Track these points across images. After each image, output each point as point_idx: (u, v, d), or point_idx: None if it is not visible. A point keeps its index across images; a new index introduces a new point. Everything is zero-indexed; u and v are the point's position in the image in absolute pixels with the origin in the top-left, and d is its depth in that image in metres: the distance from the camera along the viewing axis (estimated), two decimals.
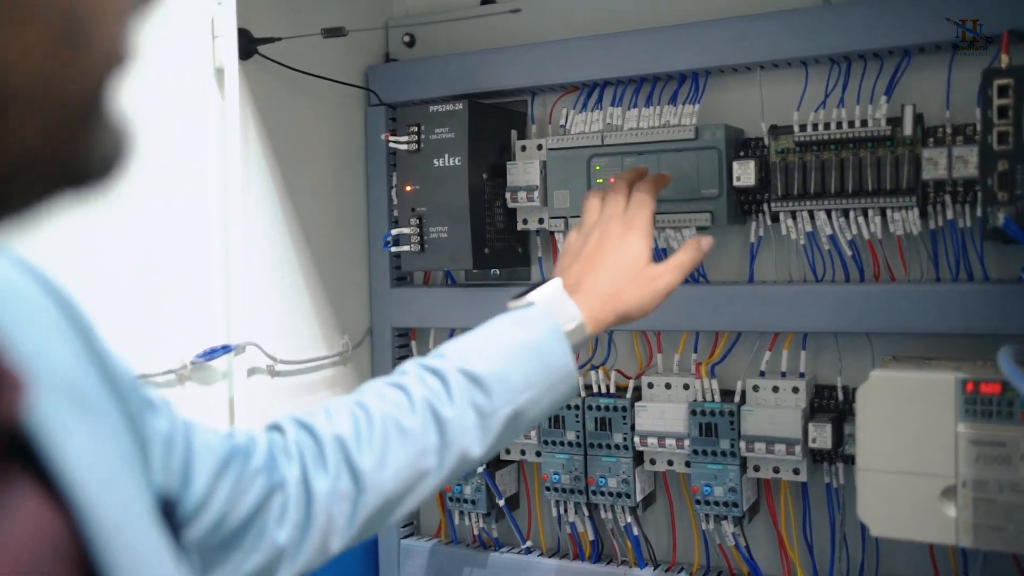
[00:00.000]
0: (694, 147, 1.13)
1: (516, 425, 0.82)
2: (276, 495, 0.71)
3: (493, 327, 0.84)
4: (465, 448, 0.78)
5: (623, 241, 0.92)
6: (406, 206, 1.22)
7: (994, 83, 0.95)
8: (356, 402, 0.78)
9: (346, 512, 0.73)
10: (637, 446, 1.18)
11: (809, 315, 1.11)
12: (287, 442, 0.74)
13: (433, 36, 1.36)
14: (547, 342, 0.83)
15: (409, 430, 0.76)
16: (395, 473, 0.75)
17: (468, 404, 0.78)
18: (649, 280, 0.91)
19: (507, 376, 0.80)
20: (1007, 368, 0.85)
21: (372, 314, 1.36)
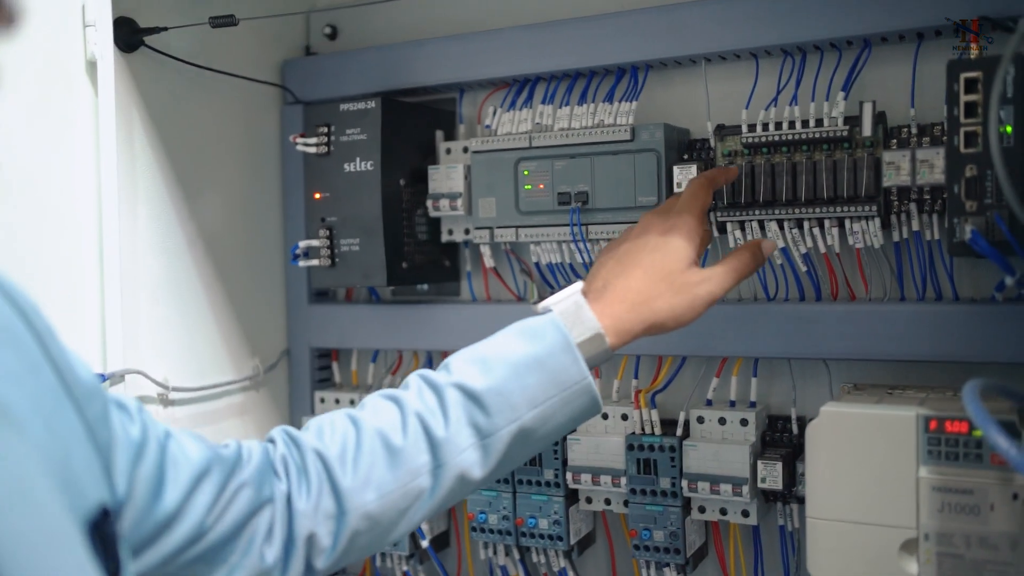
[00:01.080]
0: (630, 149, 1.01)
1: (526, 444, 0.77)
2: (264, 510, 0.70)
3: (500, 338, 0.79)
4: (464, 469, 0.74)
5: (663, 240, 0.83)
6: (315, 216, 1.10)
7: (961, 77, 0.83)
8: (350, 416, 0.76)
9: (330, 531, 0.72)
10: (570, 483, 1.06)
11: (760, 338, 0.99)
12: (275, 456, 0.73)
13: (357, 28, 1.24)
14: (556, 355, 0.76)
15: (398, 449, 0.73)
16: (381, 494, 0.73)
17: (465, 422, 0.74)
18: (687, 286, 0.81)
19: (508, 392, 0.75)
20: (972, 407, 0.72)
21: (289, 333, 1.24)
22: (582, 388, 0.76)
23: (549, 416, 0.76)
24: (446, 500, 0.76)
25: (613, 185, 1.01)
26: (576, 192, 1.03)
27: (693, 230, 0.84)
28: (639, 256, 0.83)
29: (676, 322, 0.81)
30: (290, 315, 1.24)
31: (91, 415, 0.55)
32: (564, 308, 0.79)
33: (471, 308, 1.14)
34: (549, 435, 0.77)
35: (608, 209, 1.02)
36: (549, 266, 1.09)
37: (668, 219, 0.85)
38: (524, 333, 0.78)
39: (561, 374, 0.76)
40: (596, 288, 0.81)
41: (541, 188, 1.05)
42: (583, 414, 0.78)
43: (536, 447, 0.78)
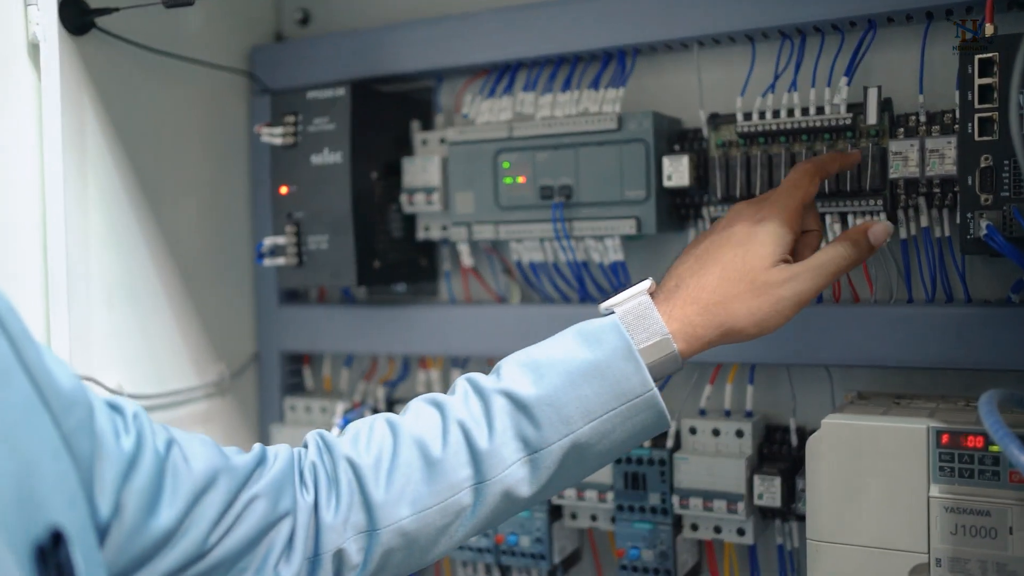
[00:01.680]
0: (617, 140, 0.93)
1: (582, 461, 0.69)
2: (282, 524, 0.65)
3: (556, 341, 0.71)
4: (510, 486, 0.68)
5: (747, 234, 0.74)
6: (281, 211, 1.03)
7: (975, 58, 0.76)
8: (389, 422, 0.70)
9: (361, 547, 0.67)
10: (554, 498, 0.99)
11: (757, 343, 0.90)
12: (304, 464, 0.68)
13: (330, 12, 1.17)
14: (616, 363, 0.68)
15: (436, 461, 0.67)
16: (417, 510, 0.67)
17: (512, 435, 0.68)
18: (769, 286, 0.72)
19: (561, 403, 0.68)
20: (989, 420, 0.65)
21: (257, 337, 1.17)
22: (646, 401, 0.68)
23: (608, 431, 0.68)
24: (491, 519, 0.69)
25: (599, 178, 0.94)
26: (559, 186, 0.96)
27: (785, 224, 0.74)
28: (719, 252, 0.73)
29: (758, 328, 0.72)
30: (259, 317, 1.17)
31: (69, 426, 0.52)
32: (627, 309, 0.71)
33: (449, 310, 1.06)
34: (609, 452, 0.70)
35: (593, 204, 0.95)
36: (532, 266, 1.02)
37: (759, 210, 0.75)
38: (581, 336, 0.70)
39: (622, 384, 0.68)
40: (668, 288, 0.73)
41: (522, 181, 0.98)
42: (647, 430, 0.70)
43: (594, 465, 0.71)
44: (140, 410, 0.62)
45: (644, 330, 0.69)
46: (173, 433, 0.64)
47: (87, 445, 0.55)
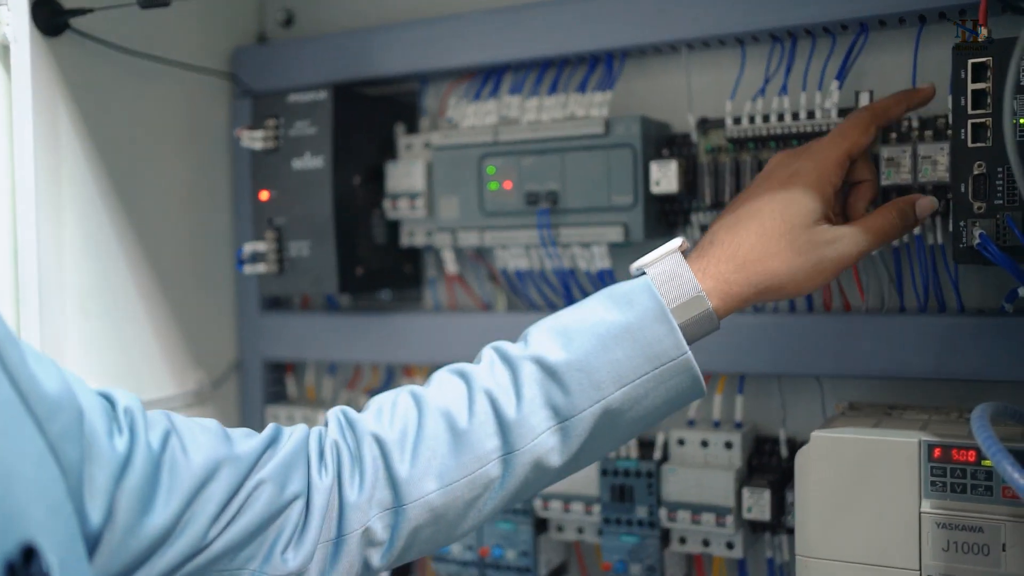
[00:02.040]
0: (604, 144, 0.91)
1: (615, 428, 0.67)
2: (292, 508, 0.63)
3: (589, 303, 0.69)
4: (540, 456, 0.65)
5: (784, 187, 0.71)
6: (262, 217, 1.01)
7: (968, 62, 0.74)
8: (413, 394, 0.68)
9: (387, 525, 0.65)
10: (539, 511, 0.97)
11: (747, 353, 0.89)
12: (325, 443, 0.66)
13: (314, 13, 1.15)
14: (648, 325, 0.65)
15: (463, 432, 0.65)
16: (444, 483, 0.65)
17: (541, 402, 0.65)
18: (812, 245, 0.69)
19: (592, 368, 0.65)
20: (982, 435, 0.64)
21: (239, 344, 1.15)
22: (680, 365, 0.66)
23: (641, 396, 0.66)
24: (521, 491, 0.67)
25: (585, 184, 0.92)
26: (545, 191, 0.94)
27: (822, 177, 0.71)
28: (757, 206, 0.70)
29: (797, 287, 0.69)
30: (240, 325, 1.15)
31: (55, 432, 0.51)
32: (659, 269, 0.68)
33: (434, 318, 1.04)
34: (642, 418, 0.67)
35: (580, 210, 0.93)
36: (517, 273, 1.00)
37: (795, 160, 0.72)
38: (612, 299, 0.67)
39: (654, 346, 0.65)
40: (703, 245, 0.71)
41: (507, 187, 0.95)
42: (682, 396, 0.68)
43: (627, 432, 0.68)
44: (134, 402, 0.60)
45: (676, 288, 0.67)
46: (174, 421, 0.62)
47: (75, 451, 0.53)
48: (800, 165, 0.71)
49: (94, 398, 0.58)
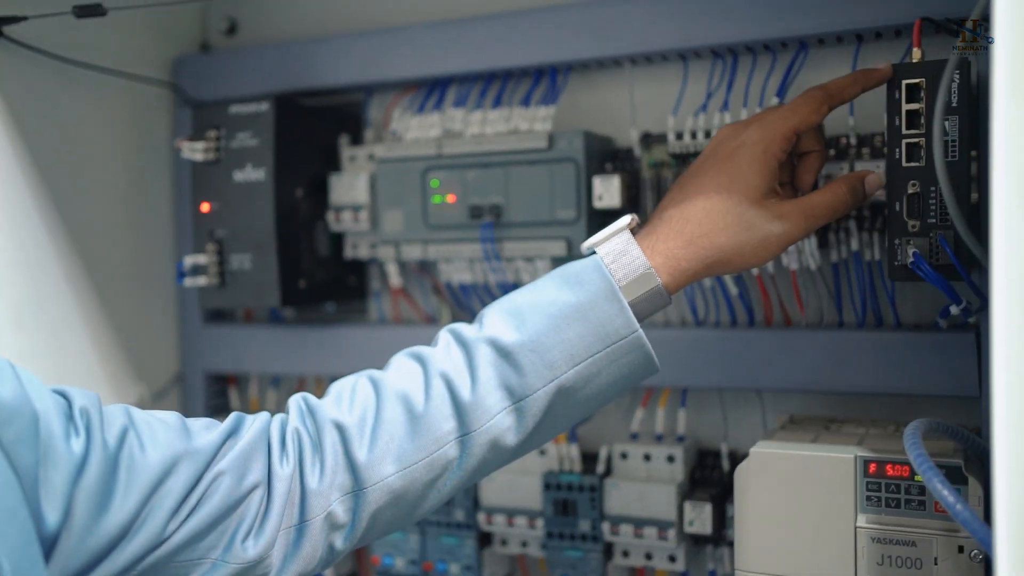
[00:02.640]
0: (547, 159, 0.91)
1: (568, 406, 0.67)
2: (251, 498, 0.64)
3: (541, 284, 0.69)
4: (496, 436, 0.66)
5: (729, 160, 0.71)
6: (203, 229, 0.99)
7: (902, 83, 0.75)
8: (372, 378, 0.69)
9: (348, 508, 0.65)
10: (483, 525, 0.97)
11: (689, 367, 0.90)
12: (287, 431, 0.67)
13: (258, 22, 1.14)
14: (598, 304, 0.66)
15: (420, 416, 0.66)
16: (402, 466, 0.65)
17: (495, 383, 0.66)
18: (760, 220, 0.69)
19: (545, 348, 0.65)
20: (914, 454, 0.65)
21: (181, 357, 1.13)
22: (631, 342, 0.66)
23: (594, 375, 0.66)
24: (479, 470, 0.68)
25: (529, 198, 0.92)
26: (489, 205, 0.94)
27: (767, 151, 0.70)
28: (703, 181, 0.70)
29: (744, 261, 0.70)
30: (182, 337, 1.13)
31: (9, 437, 0.52)
32: (610, 248, 0.68)
33: (379, 330, 1.04)
34: (596, 396, 0.68)
35: (524, 224, 0.93)
36: (462, 287, 0.99)
37: (741, 132, 0.72)
38: (563, 279, 0.68)
39: (605, 325, 0.66)
40: (652, 221, 0.71)
41: (451, 200, 0.95)
42: (636, 373, 0.68)
43: (582, 410, 0.69)
44: (91, 401, 0.60)
45: (626, 266, 0.67)
46: (133, 417, 0.62)
47: (30, 455, 0.54)
48: (746, 137, 0.71)
49: (50, 399, 0.58)
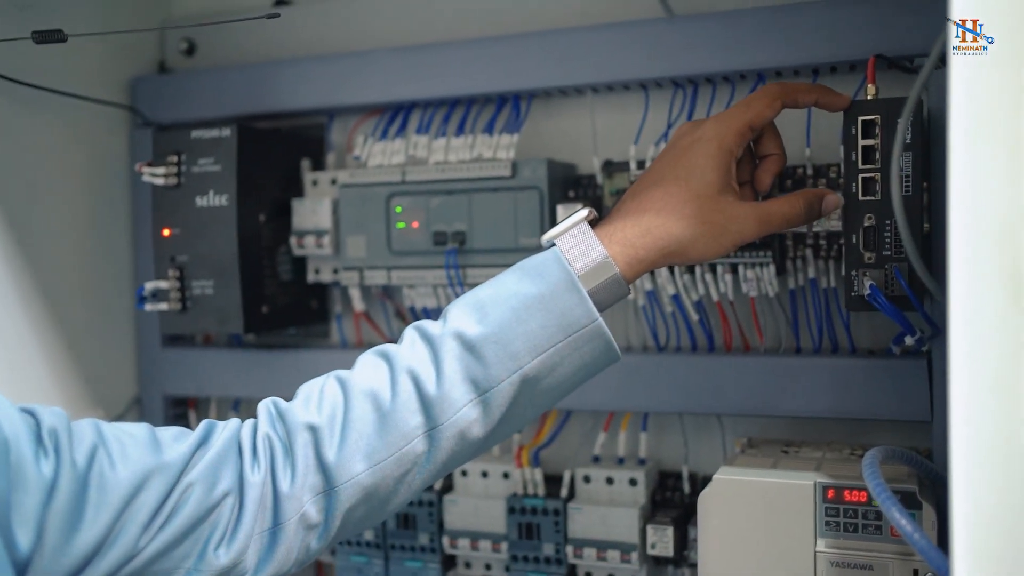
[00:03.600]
0: (511, 186, 0.93)
1: (533, 396, 0.68)
2: (222, 506, 0.64)
3: (503, 278, 0.70)
4: (463, 428, 0.66)
5: (687, 154, 0.72)
6: (164, 254, 0.98)
7: (858, 119, 0.77)
8: (339, 379, 0.70)
9: (320, 508, 0.66)
10: (447, 548, 0.97)
11: (650, 391, 0.91)
12: (258, 437, 0.67)
13: (217, 44, 1.13)
14: (559, 294, 0.67)
15: (388, 412, 0.66)
16: (372, 463, 0.66)
17: (461, 376, 0.66)
18: (716, 214, 0.70)
19: (507, 339, 0.66)
20: (872, 483, 0.67)
21: (139, 380, 1.12)
22: (592, 331, 0.67)
23: (557, 364, 0.67)
24: (448, 463, 0.68)
25: (493, 225, 0.93)
26: (453, 232, 0.94)
27: (722, 147, 0.71)
28: (660, 174, 0.72)
29: (699, 253, 0.71)
30: (140, 360, 1.12)
31: None
32: (568, 239, 0.70)
33: (340, 354, 1.04)
34: (559, 385, 0.68)
35: (487, 251, 0.94)
36: (425, 311, 1.00)
37: (696, 128, 0.73)
38: (524, 271, 0.69)
39: (566, 315, 0.67)
40: (611, 213, 0.73)
41: (415, 227, 0.96)
42: (597, 361, 0.69)
43: (546, 400, 0.69)
44: (59, 419, 0.60)
45: (584, 256, 0.68)
46: (103, 432, 0.62)
47: (1, 482, 0.54)
48: (702, 132, 0.73)
49: (19, 421, 0.58)
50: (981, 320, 0.47)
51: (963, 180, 0.46)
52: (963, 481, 0.49)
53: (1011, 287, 0.46)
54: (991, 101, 0.46)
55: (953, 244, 0.45)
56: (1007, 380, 0.48)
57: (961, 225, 0.46)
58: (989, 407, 0.48)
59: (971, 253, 0.46)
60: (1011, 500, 0.48)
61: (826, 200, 0.77)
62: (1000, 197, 0.46)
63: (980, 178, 0.45)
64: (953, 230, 0.45)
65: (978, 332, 0.47)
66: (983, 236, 0.46)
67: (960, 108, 0.46)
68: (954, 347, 0.47)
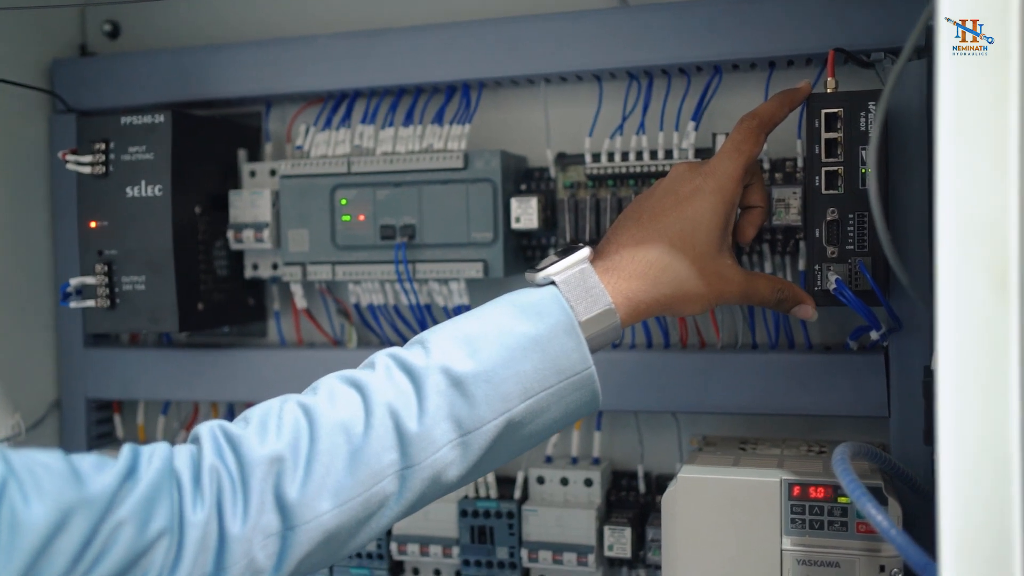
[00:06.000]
0: (463, 179, 0.89)
1: (512, 441, 0.64)
2: (156, 547, 0.55)
3: (493, 312, 0.66)
4: (438, 470, 0.62)
5: (690, 204, 0.70)
6: (90, 248, 0.92)
7: (821, 112, 0.77)
8: (302, 405, 0.62)
9: (273, 552, 0.58)
10: (395, 554, 0.94)
11: (605, 389, 0.87)
12: (201, 469, 0.58)
13: (144, 26, 1.07)
14: (557, 337, 0.64)
15: (359, 447, 0.60)
16: (339, 503, 0.59)
17: (445, 415, 0.61)
18: (716, 277, 0.70)
19: (499, 380, 0.62)
20: (846, 480, 0.66)
21: (59, 382, 1.05)
22: (583, 379, 0.64)
23: (543, 409, 0.64)
24: (415, 505, 0.63)
25: (444, 218, 0.90)
26: (401, 225, 0.91)
27: (728, 194, 0.71)
28: (664, 224, 0.70)
29: (689, 311, 0.71)
30: (61, 361, 1.05)
31: None
32: (568, 279, 0.66)
33: (279, 353, 0.99)
34: (538, 432, 0.65)
35: (438, 245, 0.90)
36: (370, 307, 0.96)
37: (698, 176, 0.72)
38: (519, 308, 0.65)
39: (561, 360, 0.63)
40: (607, 254, 0.70)
41: (361, 220, 0.92)
42: (580, 410, 0.66)
43: (521, 447, 0.65)
44: None
45: (586, 301, 0.66)
46: (12, 463, 0.52)
47: None
48: (702, 183, 0.72)
49: None
50: (967, 313, 0.46)
51: (949, 172, 0.45)
52: (951, 477, 0.48)
53: (997, 279, 0.46)
54: (976, 94, 0.45)
55: (940, 237, 0.44)
56: (994, 373, 0.47)
57: (948, 218, 0.45)
58: (976, 400, 0.47)
59: (957, 246, 0.45)
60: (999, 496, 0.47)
61: (799, 308, 0.76)
62: (986, 189, 0.45)
63: (965, 170, 0.45)
64: (940, 223, 0.44)
65: (964, 325, 0.46)
66: (969, 229, 0.45)
67: (948, 101, 0.45)
68: (942, 340, 0.46)
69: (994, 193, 0.45)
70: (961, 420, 0.47)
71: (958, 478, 0.47)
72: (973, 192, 0.45)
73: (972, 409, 0.46)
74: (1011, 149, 0.45)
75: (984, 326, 0.46)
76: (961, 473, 0.47)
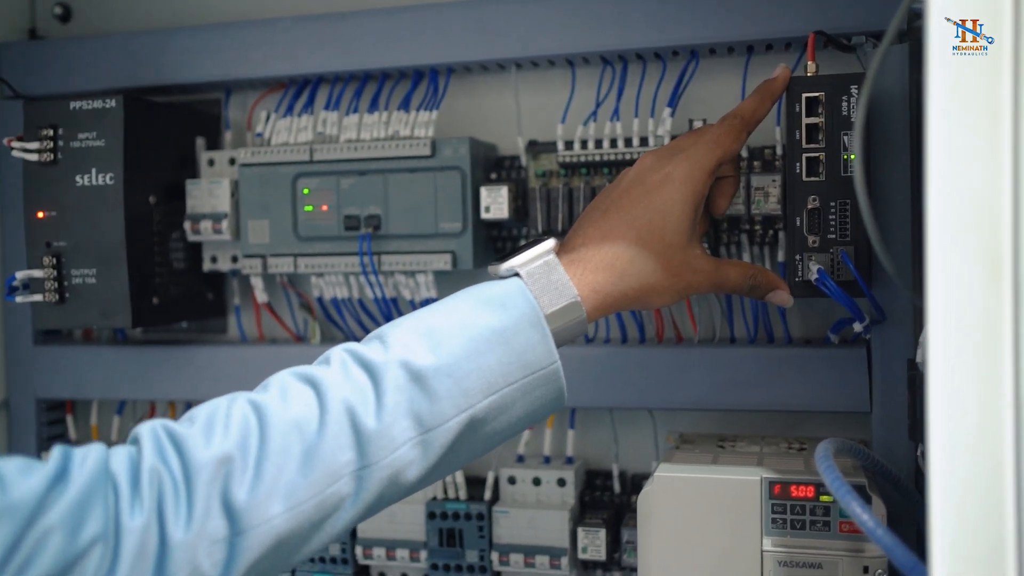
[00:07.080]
0: (431, 167, 0.86)
1: (474, 440, 0.61)
2: (88, 557, 0.51)
3: (456, 304, 0.63)
4: (397, 470, 0.58)
5: (659, 194, 0.68)
6: (38, 240, 0.88)
7: (802, 96, 0.74)
8: (252, 403, 0.58)
9: (220, 559, 0.54)
10: (360, 558, 0.90)
11: (578, 385, 0.85)
12: (141, 471, 0.54)
13: (96, 9, 1.03)
14: (522, 330, 0.61)
15: (314, 448, 0.57)
16: (290, 505, 0.56)
17: (404, 411, 0.58)
18: (684, 272, 0.68)
19: (462, 374, 0.59)
20: (830, 478, 0.63)
21: (7, 381, 1.01)
22: (549, 374, 0.62)
23: (507, 405, 0.61)
24: (373, 507, 0.60)
25: (411, 208, 0.86)
26: (367, 216, 0.87)
27: (699, 184, 0.68)
28: (632, 216, 0.67)
29: (657, 303, 0.69)
30: (8, 359, 1.00)
31: None
32: (533, 271, 0.64)
33: (240, 349, 0.95)
34: (502, 431, 0.62)
35: (405, 236, 0.87)
36: (334, 301, 0.92)
37: (668, 163, 0.69)
38: (482, 301, 0.62)
39: (527, 353, 0.61)
40: (574, 246, 0.67)
41: (324, 210, 0.88)
42: (544, 408, 0.63)
43: (484, 446, 0.62)
44: None
45: (551, 293, 0.63)
46: None
47: None
48: (672, 171, 0.69)
49: None
50: (959, 303, 0.44)
51: (942, 161, 0.43)
52: (941, 473, 0.46)
53: (990, 267, 0.44)
54: (968, 84, 0.43)
55: (932, 225, 0.42)
56: (987, 365, 0.45)
57: (940, 206, 0.43)
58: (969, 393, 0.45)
59: (950, 234, 0.43)
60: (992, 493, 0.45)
61: (776, 293, 0.74)
62: (979, 177, 0.43)
63: (959, 159, 0.43)
64: (932, 211, 0.42)
65: (956, 316, 0.44)
66: (962, 217, 0.43)
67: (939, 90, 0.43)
68: (932, 331, 0.44)
69: (987, 182, 0.43)
70: (952, 414, 0.45)
71: (949, 474, 0.45)
72: (966, 181, 0.43)
73: (964, 403, 0.45)
74: (1003, 137, 0.43)
75: (977, 317, 0.44)
76: (952, 469, 0.45)
